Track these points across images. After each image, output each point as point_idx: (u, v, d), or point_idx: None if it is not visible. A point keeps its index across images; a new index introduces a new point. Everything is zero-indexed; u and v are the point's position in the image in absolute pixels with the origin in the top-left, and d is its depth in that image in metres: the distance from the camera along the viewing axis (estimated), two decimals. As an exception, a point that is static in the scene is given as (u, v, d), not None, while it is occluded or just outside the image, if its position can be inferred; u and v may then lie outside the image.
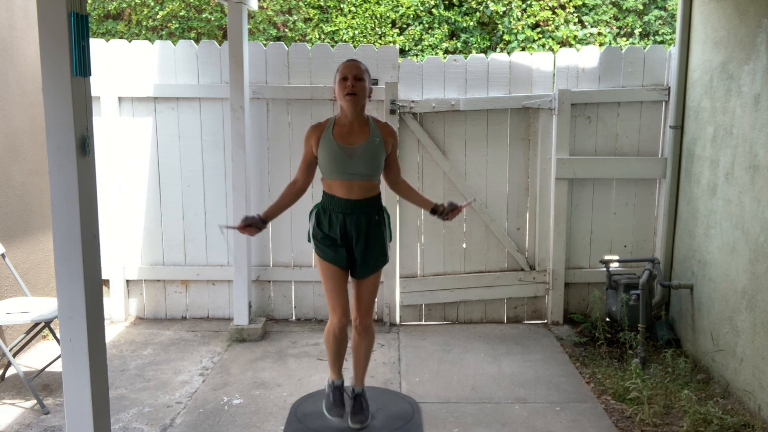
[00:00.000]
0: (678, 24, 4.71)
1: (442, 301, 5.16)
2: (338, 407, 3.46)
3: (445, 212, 3.30)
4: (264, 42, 7.74)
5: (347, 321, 3.36)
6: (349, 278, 3.42)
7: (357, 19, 8.33)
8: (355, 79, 3.17)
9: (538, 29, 8.31)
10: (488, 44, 8.38)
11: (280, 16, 8.52)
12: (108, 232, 5.01)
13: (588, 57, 4.99)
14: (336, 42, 8.22)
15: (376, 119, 3.34)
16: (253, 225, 3.21)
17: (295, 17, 8.44)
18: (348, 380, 3.73)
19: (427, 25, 8.39)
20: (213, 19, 8.43)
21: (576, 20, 8.32)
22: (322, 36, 8.35)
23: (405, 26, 8.45)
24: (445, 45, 8.31)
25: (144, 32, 8.50)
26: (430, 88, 4.99)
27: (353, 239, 3.28)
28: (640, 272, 4.77)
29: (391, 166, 3.38)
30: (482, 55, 5.25)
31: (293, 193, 3.36)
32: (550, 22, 8.30)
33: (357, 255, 3.31)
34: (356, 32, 8.28)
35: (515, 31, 8.22)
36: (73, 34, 2.31)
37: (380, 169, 3.30)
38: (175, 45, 5.00)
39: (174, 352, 4.58)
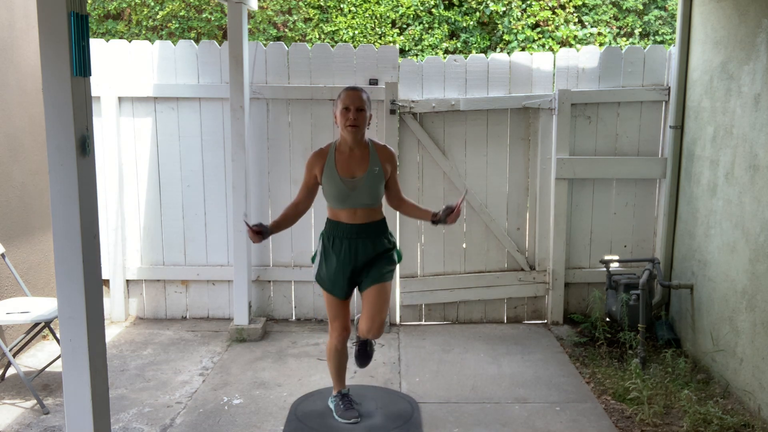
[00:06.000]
0: (678, 24, 4.71)
1: (442, 301, 5.16)
2: (350, 410, 3.52)
3: (442, 219, 3.30)
4: (264, 42, 7.74)
5: (347, 335, 3.43)
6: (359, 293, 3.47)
7: (357, 19, 8.32)
8: (356, 111, 3.23)
9: (538, 29, 8.31)
10: (488, 44, 8.38)
11: (280, 16, 8.52)
12: (108, 232, 5.01)
13: (588, 57, 4.99)
14: (336, 42, 8.21)
15: (375, 143, 3.39)
16: (262, 233, 3.23)
17: (295, 17, 8.44)
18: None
19: (427, 25, 8.38)
20: (213, 19, 8.43)
21: (576, 20, 8.32)
22: (322, 36, 8.35)
23: (405, 26, 8.44)
24: (445, 45, 8.30)
25: (144, 32, 8.50)
26: (430, 88, 4.99)
27: (360, 260, 3.33)
28: (640, 272, 4.76)
29: (391, 187, 3.43)
30: (482, 55, 5.25)
31: (296, 214, 3.41)
32: (550, 22, 8.29)
33: (366, 268, 3.34)
34: (356, 32, 8.28)
35: (515, 31, 8.21)
36: (73, 34, 2.31)
37: (381, 195, 3.38)
38: (175, 45, 5.00)
39: (174, 352, 4.58)
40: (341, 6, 8.43)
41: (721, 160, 4.15)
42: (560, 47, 8.09)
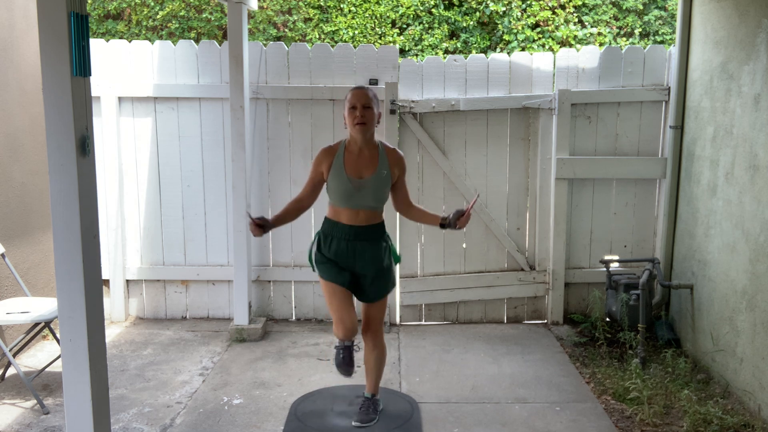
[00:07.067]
0: (678, 24, 4.71)
1: (442, 301, 5.16)
2: (348, 365, 3.38)
3: (452, 223, 3.30)
4: (264, 42, 7.74)
5: (353, 335, 3.32)
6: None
7: (357, 19, 8.32)
8: (364, 108, 3.24)
9: (538, 29, 8.31)
10: (488, 44, 8.38)
11: (280, 16, 8.52)
12: (108, 232, 5.01)
13: (588, 57, 4.99)
14: (336, 42, 8.21)
15: (386, 145, 3.39)
16: (263, 226, 3.24)
17: (295, 17, 8.44)
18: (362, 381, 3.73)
19: (427, 25, 8.38)
20: (213, 19, 8.43)
21: (576, 20, 8.31)
22: (322, 36, 8.35)
23: (405, 26, 8.44)
24: (445, 45, 8.30)
25: (144, 32, 8.50)
26: (430, 88, 4.99)
27: (358, 265, 3.31)
28: (640, 272, 4.76)
29: (399, 191, 3.42)
30: (482, 55, 5.25)
31: (297, 209, 3.41)
32: (550, 22, 8.29)
33: (363, 282, 3.34)
34: (356, 32, 8.28)
35: (515, 31, 8.21)
36: (73, 34, 2.31)
37: (385, 199, 3.37)
38: (175, 45, 5.00)
39: (174, 352, 4.58)
40: (341, 6, 8.43)
41: (721, 160, 4.15)
42: (560, 47, 8.09)
